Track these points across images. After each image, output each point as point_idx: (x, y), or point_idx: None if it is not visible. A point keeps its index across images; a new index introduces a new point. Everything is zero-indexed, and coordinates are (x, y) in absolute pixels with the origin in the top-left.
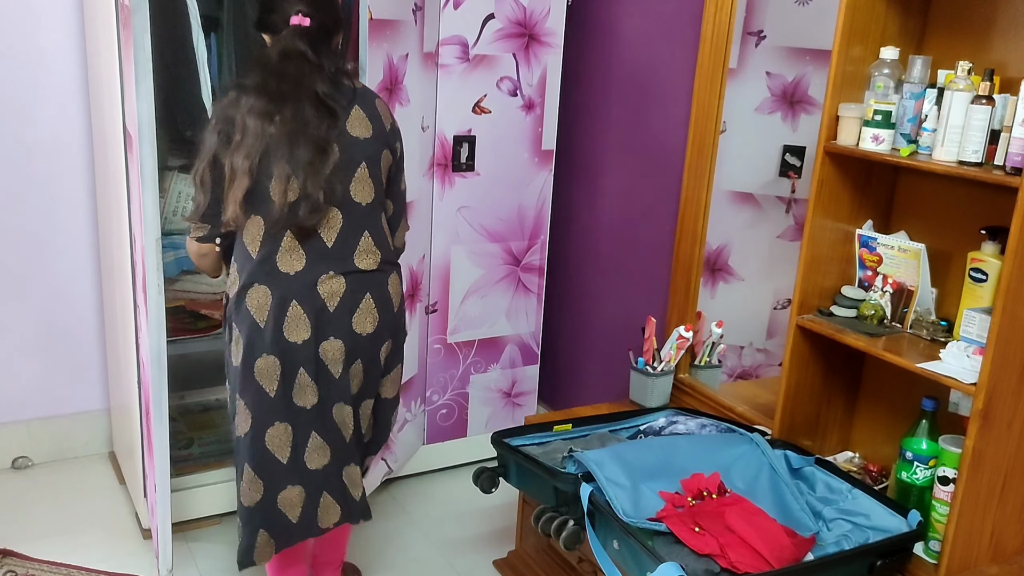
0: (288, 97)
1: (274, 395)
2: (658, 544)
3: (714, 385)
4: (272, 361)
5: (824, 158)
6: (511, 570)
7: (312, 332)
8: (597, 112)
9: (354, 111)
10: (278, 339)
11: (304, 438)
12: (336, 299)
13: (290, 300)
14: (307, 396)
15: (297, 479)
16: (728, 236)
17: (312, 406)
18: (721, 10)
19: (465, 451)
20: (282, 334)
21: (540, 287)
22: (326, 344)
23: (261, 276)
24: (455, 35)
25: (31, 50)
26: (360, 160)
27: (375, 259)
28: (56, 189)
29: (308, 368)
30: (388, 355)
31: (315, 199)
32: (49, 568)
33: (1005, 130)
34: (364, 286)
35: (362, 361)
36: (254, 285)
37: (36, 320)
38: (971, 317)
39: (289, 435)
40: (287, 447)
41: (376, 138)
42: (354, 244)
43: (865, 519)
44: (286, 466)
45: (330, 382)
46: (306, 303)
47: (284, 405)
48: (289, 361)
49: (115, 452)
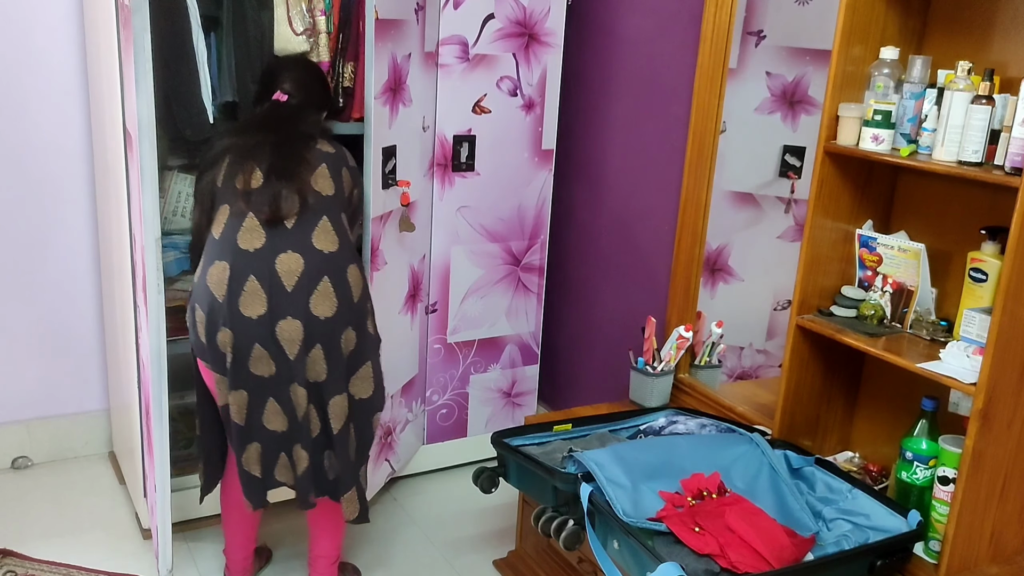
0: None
1: (230, 364)
2: (658, 544)
3: (714, 385)
4: (228, 334)
5: (824, 158)
6: (511, 570)
7: (268, 309)
8: (597, 112)
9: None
10: (234, 313)
11: (261, 403)
12: (294, 278)
13: (248, 274)
14: (265, 367)
15: (256, 436)
16: (728, 236)
17: (270, 376)
18: (721, 10)
19: (465, 451)
20: (238, 309)
21: (540, 287)
22: (283, 323)
23: (221, 253)
24: (455, 35)
25: (31, 50)
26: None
27: (333, 242)
28: (56, 189)
29: (264, 344)
30: (354, 350)
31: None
32: (49, 568)
33: (1005, 130)
34: (322, 268)
35: (322, 347)
36: (215, 263)
37: (36, 320)
38: (971, 317)
39: (245, 400)
40: (243, 410)
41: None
42: (313, 226)
43: (865, 519)
44: (244, 427)
45: (286, 361)
46: (263, 279)
47: (244, 374)
48: (244, 335)
49: (115, 452)
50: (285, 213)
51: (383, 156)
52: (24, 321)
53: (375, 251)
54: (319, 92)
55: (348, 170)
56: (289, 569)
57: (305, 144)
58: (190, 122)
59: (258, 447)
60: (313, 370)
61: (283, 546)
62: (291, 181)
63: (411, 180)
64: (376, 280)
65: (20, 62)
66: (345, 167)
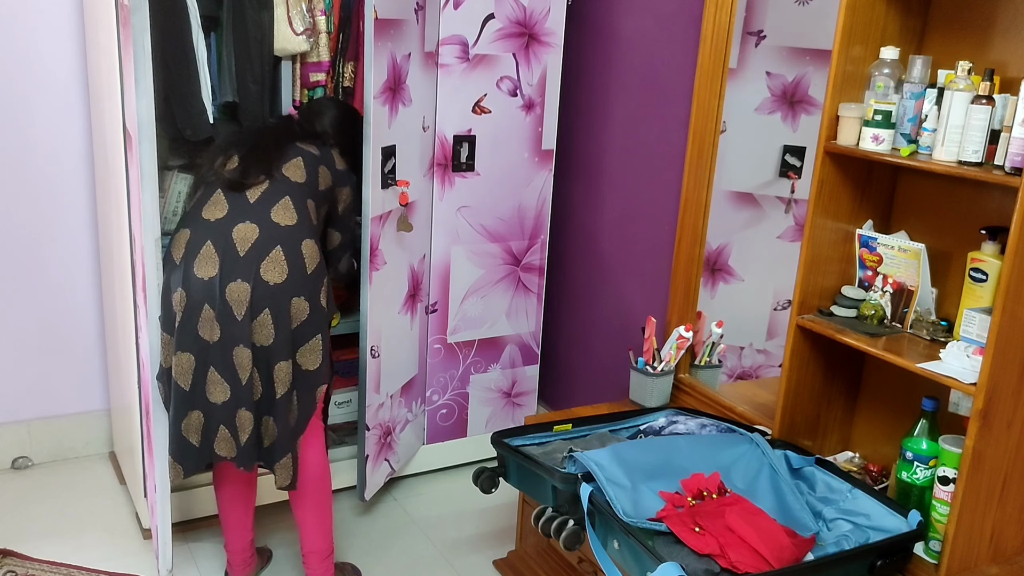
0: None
1: (179, 325)
2: (658, 544)
3: (714, 385)
4: (180, 294)
5: (824, 158)
6: (511, 570)
7: (219, 271)
8: (597, 112)
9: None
10: (188, 275)
11: (204, 371)
12: (247, 244)
13: (205, 240)
14: (211, 331)
15: (199, 405)
16: (728, 236)
17: (215, 342)
18: (721, 10)
19: (465, 451)
20: (192, 270)
21: (540, 287)
22: (232, 285)
23: (185, 222)
24: (455, 35)
25: (31, 50)
26: (298, 154)
27: (292, 218)
28: (56, 189)
29: (212, 305)
30: (305, 320)
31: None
32: (49, 568)
33: (1005, 130)
34: (277, 238)
35: (270, 311)
36: (179, 231)
37: (36, 320)
38: (971, 317)
39: (192, 364)
40: (188, 375)
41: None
42: (274, 202)
43: (865, 519)
44: (188, 393)
45: (232, 323)
46: (217, 244)
47: (190, 337)
48: (196, 295)
49: (115, 452)
50: (248, 184)
51: (382, 156)
52: (24, 321)
53: (374, 251)
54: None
55: (328, 169)
56: (290, 568)
57: (289, 140)
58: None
59: (200, 416)
60: (260, 334)
61: (284, 545)
62: (261, 163)
63: (411, 180)
64: (375, 280)
65: (20, 62)
66: (324, 166)
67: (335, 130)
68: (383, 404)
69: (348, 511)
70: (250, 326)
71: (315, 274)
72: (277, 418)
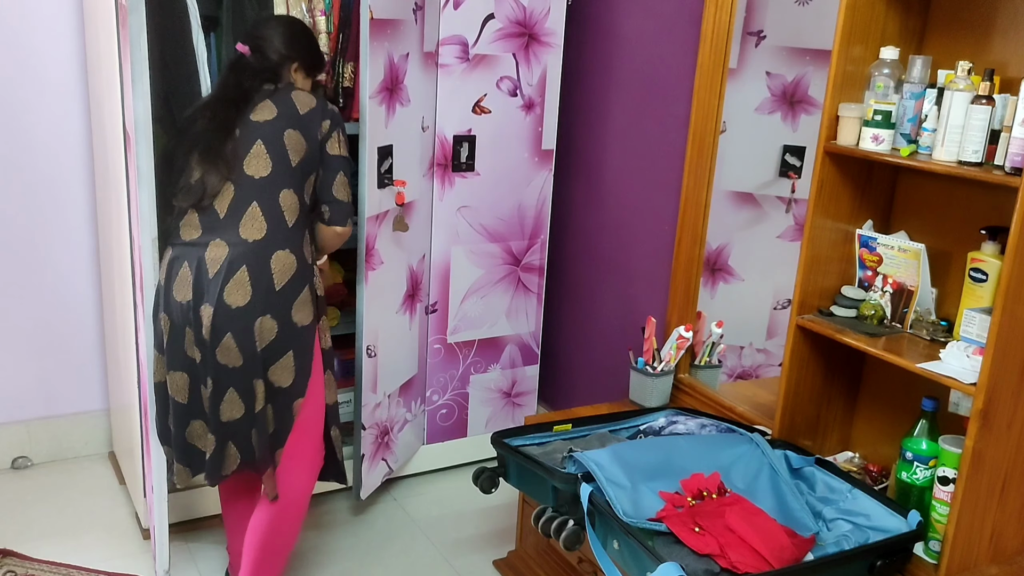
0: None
1: (167, 346)
2: (658, 544)
3: (714, 385)
4: (164, 317)
5: (824, 158)
6: (511, 570)
7: (192, 294)
8: (597, 112)
9: (263, 103)
10: (168, 298)
11: (197, 386)
12: (217, 265)
13: (182, 262)
14: (194, 352)
15: (199, 415)
16: (728, 236)
17: (199, 362)
18: (721, 10)
19: (465, 451)
20: (172, 294)
21: (540, 287)
22: (202, 309)
23: (169, 240)
24: (455, 35)
25: (31, 50)
26: (256, 139)
27: (261, 229)
28: (56, 189)
29: (191, 327)
30: (273, 340)
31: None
32: (49, 568)
33: (1005, 130)
34: (243, 256)
35: (233, 336)
36: (165, 248)
37: (36, 320)
38: (971, 317)
39: (186, 381)
40: (185, 391)
41: (278, 120)
42: (242, 213)
43: (865, 519)
44: (187, 406)
45: (206, 346)
46: (192, 265)
47: (179, 357)
48: (176, 318)
49: (115, 452)
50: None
51: (379, 155)
52: (24, 321)
53: (371, 250)
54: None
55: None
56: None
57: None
58: None
59: (202, 425)
60: (227, 358)
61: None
62: (220, 169)
63: (411, 180)
64: (372, 279)
65: (20, 62)
66: (292, 129)
67: (290, 49)
68: (380, 404)
69: (346, 511)
70: (215, 350)
71: (287, 287)
72: (258, 431)
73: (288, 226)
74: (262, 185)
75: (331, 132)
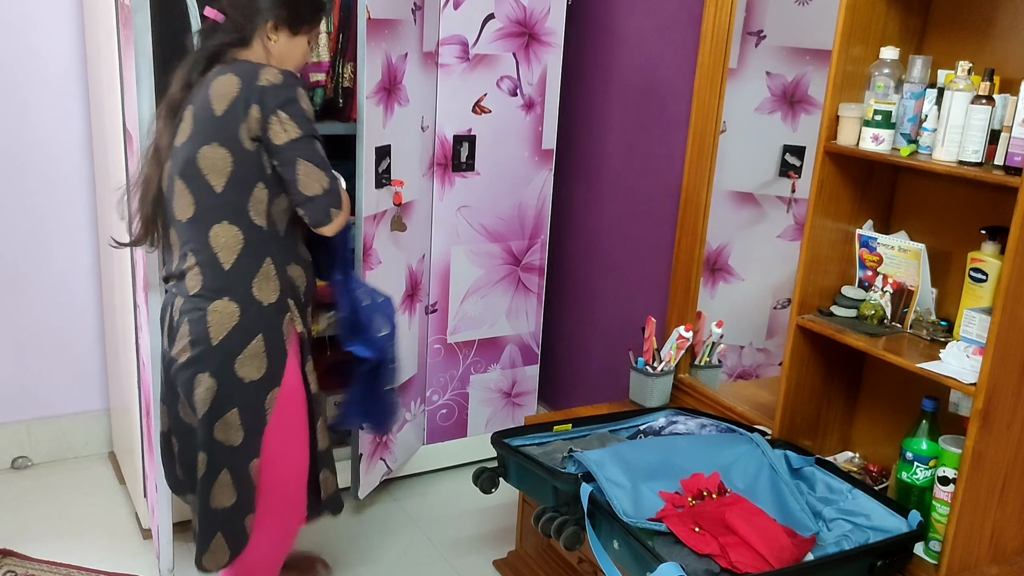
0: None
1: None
2: (658, 544)
3: (714, 385)
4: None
5: (824, 158)
6: (511, 570)
7: (167, 342)
8: (597, 112)
9: (187, 113)
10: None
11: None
12: (175, 316)
13: (165, 306)
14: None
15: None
16: (728, 236)
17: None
18: (721, 10)
19: (465, 451)
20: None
21: (540, 287)
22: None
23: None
24: (455, 35)
25: (31, 50)
26: (174, 175)
27: (197, 282)
28: (56, 189)
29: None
30: (215, 397)
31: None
32: (49, 568)
33: (1005, 130)
34: (186, 308)
35: (181, 389)
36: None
37: (36, 320)
38: (971, 317)
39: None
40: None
41: (192, 139)
42: (184, 261)
43: (865, 519)
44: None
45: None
46: (166, 313)
47: (175, 419)
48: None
49: (115, 452)
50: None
51: (376, 156)
52: (24, 321)
53: (368, 250)
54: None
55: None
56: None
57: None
58: None
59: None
60: (184, 414)
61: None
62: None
63: (410, 180)
64: (369, 279)
65: (20, 62)
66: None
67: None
68: None
69: (346, 511)
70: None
71: (226, 341)
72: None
73: (225, 269)
74: (190, 228)
75: (267, 117)
